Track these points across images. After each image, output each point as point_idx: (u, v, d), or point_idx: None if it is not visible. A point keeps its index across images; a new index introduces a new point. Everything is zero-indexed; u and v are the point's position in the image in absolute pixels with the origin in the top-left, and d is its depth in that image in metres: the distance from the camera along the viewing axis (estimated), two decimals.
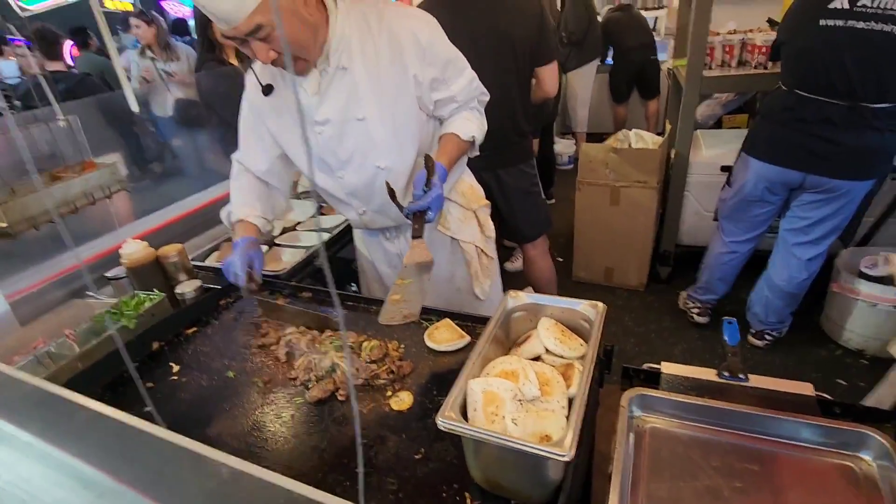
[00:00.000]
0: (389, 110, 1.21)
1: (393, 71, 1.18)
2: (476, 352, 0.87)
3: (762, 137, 2.06)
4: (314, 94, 1.19)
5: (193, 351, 1.26)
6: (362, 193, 1.32)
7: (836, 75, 1.79)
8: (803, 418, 0.91)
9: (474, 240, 1.50)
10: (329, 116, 1.20)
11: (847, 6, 1.72)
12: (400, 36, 1.17)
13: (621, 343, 2.64)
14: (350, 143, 1.23)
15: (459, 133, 1.26)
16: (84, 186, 1.43)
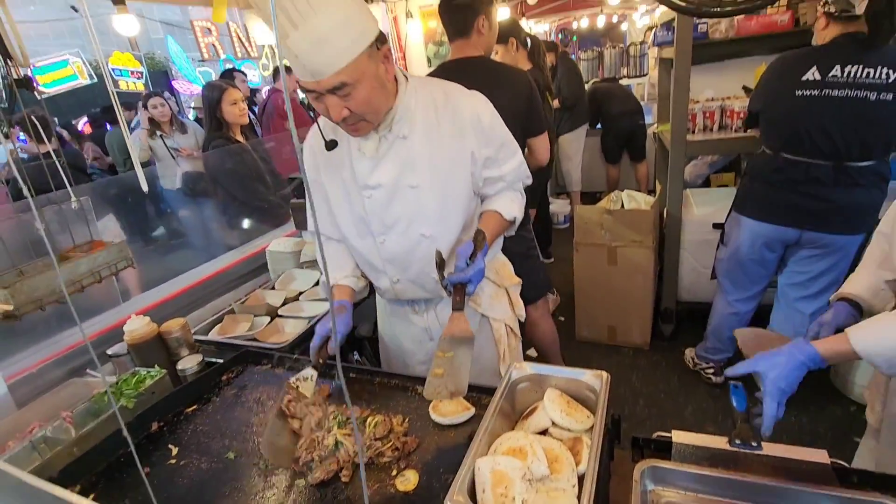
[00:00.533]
0: (442, 181, 1.25)
1: (452, 145, 1.24)
2: (483, 428, 0.86)
3: (754, 197, 2.12)
4: (371, 157, 1.23)
5: (193, 431, 1.23)
6: (400, 261, 1.33)
7: (819, 139, 1.88)
8: (820, 489, 0.88)
9: (504, 318, 1.49)
10: (382, 181, 1.24)
11: (819, 77, 1.83)
12: (464, 114, 1.24)
13: (630, 406, 2.58)
14: (398, 208, 1.26)
15: (502, 212, 1.31)
16: (91, 265, 1.46)
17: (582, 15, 7.02)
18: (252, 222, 2.69)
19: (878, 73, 1.77)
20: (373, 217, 1.28)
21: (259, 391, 1.36)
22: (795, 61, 1.92)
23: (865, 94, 1.79)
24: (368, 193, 1.26)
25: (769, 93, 2.00)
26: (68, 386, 1.52)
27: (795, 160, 1.95)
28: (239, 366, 1.47)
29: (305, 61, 1.00)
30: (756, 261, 2.20)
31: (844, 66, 1.80)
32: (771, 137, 2.04)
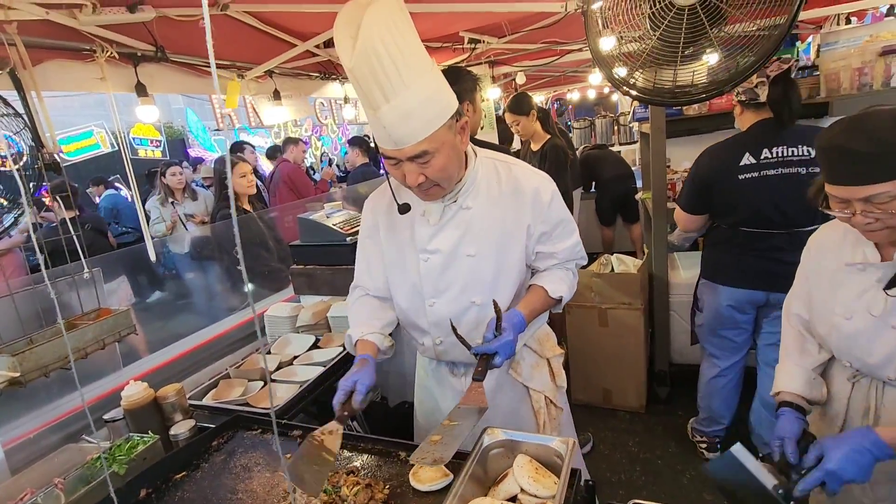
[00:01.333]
0: (498, 251, 1.30)
1: (511, 217, 1.30)
2: (452, 493, 0.90)
3: (719, 264, 2.25)
4: (434, 224, 1.30)
5: (180, 498, 1.25)
6: (447, 325, 1.33)
7: (769, 213, 2.05)
8: None
9: (544, 389, 1.48)
10: (440, 247, 1.30)
11: (754, 161, 2.04)
12: (525, 189, 1.30)
13: (627, 472, 2.53)
14: (452, 275, 1.31)
15: (548, 289, 1.33)
16: (96, 333, 1.55)
17: (573, 89, 7.50)
18: (253, 287, 2.80)
19: (801, 150, 1.98)
20: (426, 280, 1.33)
21: (247, 457, 1.39)
22: (727, 151, 2.12)
23: (796, 169, 1.98)
24: (426, 257, 1.31)
25: (712, 184, 2.14)
26: (63, 452, 1.55)
27: (753, 231, 2.11)
28: (230, 431, 1.51)
29: (391, 131, 1.08)
30: (730, 324, 2.28)
31: (771, 148, 2.01)
32: (724, 217, 2.20)
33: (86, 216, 4.23)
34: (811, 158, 1.96)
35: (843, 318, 1.15)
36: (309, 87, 3.20)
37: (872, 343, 1.11)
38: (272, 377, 1.89)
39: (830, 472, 1.00)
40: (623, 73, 1.96)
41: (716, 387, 2.40)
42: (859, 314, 1.13)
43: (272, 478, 1.28)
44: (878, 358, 1.11)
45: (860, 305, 1.13)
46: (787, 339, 1.35)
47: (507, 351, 1.18)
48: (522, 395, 1.47)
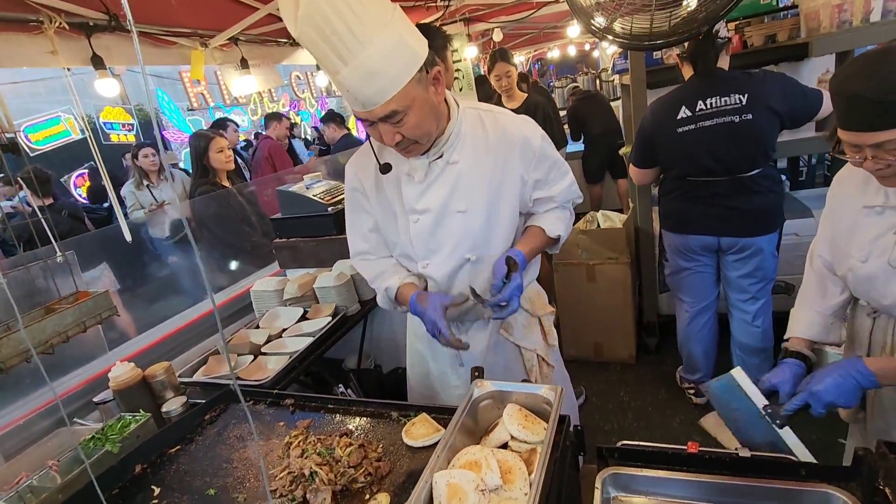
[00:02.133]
0: (489, 204, 1.28)
1: (501, 168, 1.26)
2: (442, 444, 0.91)
3: (672, 214, 2.33)
4: (419, 182, 1.26)
5: (175, 471, 1.26)
6: (441, 284, 1.35)
7: (708, 163, 2.12)
8: (772, 483, 0.93)
9: (536, 347, 1.48)
10: (430, 206, 1.27)
11: (690, 114, 2.09)
12: (514, 137, 1.27)
13: (619, 420, 2.60)
14: (443, 233, 1.29)
15: (546, 229, 1.34)
16: (76, 316, 1.51)
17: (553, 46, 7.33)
18: (238, 264, 2.76)
19: (733, 98, 2.03)
20: (417, 242, 1.31)
21: (241, 428, 1.39)
22: (666, 105, 2.17)
23: (730, 118, 2.03)
24: (415, 218, 1.28)
25: (657, 137, 2.21)
26: (56, 436, 1.55)
27: (696, 181, 2.19)
28: (222, 404, 1.51)
29: (357, 94, 1.03)
30: (693, 270, 2.37)
31: (705, 99, 2.06)
32: (669, 169, 2.27)
33: (62, 203, 4.11)
34: (744, 105, 2.02)
35: (859, 260, 1.15)
36: (278, 55, 3.08)
37: (887, 286, 1.11)
38: (262, 350, 1.89)
39: (814, 392, 1.03)
40: (602, 22, 1.93)
41: (691, 332, 2.47)
42: (874, 257, 1.12)
43: (266, 445, 1.29)
44: (891, 300, 1.11)
45: (876, 249, 1.12)
46: (807, 285, 1.35)
47: (519, 293, 1.21)
48: (515, 354, 1.48)
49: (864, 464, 0.91)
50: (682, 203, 2.26)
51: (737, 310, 2.35)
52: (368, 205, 1.38)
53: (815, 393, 1.03)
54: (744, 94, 2.01)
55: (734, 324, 2.40)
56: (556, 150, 1.36)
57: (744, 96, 2.01)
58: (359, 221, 1.42)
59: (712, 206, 2.17)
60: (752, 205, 2.12)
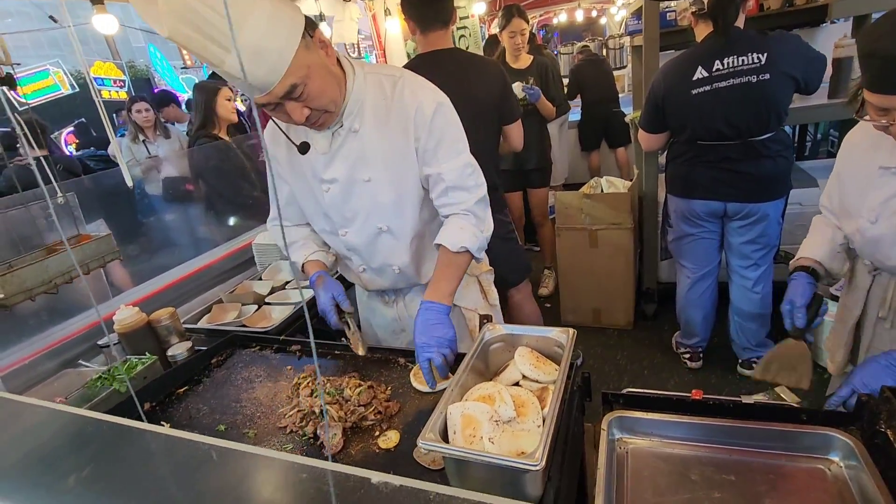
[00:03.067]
0: (395, 174, 1.24)
1: (400, 137, 1.21)
2: (454, 380, 0.91)
3: (679, 178, 2.31)
4: (324, 154, 1.23)
5: (184, 409, 1.28)
6: (362, 252, 1.35)
7: (722, 126, 2.08)
8: (773, 426, 0.95)
9: (476, 307, 1.47)
10: (336, 176, 1.24)
11: (706, 74, 2.04)
12: (408, 105, 1.19)
13: (615, 382, 2.65)
14: (355, 203, 1.27)
15: (446, 243, 1.22)
16: (79, 257, 1.50)
17: (560, 10, 7.11)
18: (238, 218, 2.73)
19: (751, 58, 1.98)
20: (332, 210, 1.30)
21: (248, 371, 1.40)
22: (681, 66, 2.12)
23: (747, 78, 1.99)
24: (326, 187, 1.27)
25: (668, 100, 2.16)
26: (62, 377, 1.56)
27: (707, 144, 2.16)
28: (228, 349, 1.52)
29: (251, 79, 0.97)
30: (696, 236, 2.37)
31: (722, 59, 2.01)
32: (681, 133, 2.22)
33: (57, 157, 4.02)
34: (762, 65, 1.97)
35: (869, 221, 1.14)
36: None
37: (892, 248, 1.11)
38: (266, 301, 1.89)
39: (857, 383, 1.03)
40: None
41: (691, 298, 2.49)
42: (885, 218, 1.11)
43: (274, 386, 1.30)
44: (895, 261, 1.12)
45: (886, 210, 1.11)
46: (817, 221, 1.36)
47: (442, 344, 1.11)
48: (456, 315, 1.43)
49: (866, 408, 0.93)
50: (691, 168, 2.24)
51: (738, 276, 2.37)
52: (281, 175, 1.35)
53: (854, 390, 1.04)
54: (763, 52, 1.96)
55: (734, 290, 2.42)
56: (456, 126, 1.25)
57: (763, 55, 1.96)
58: (277, 188, 1.40)
59: (721, 171, 2.15)
60: (761, 170, 2.11)
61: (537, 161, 3.26)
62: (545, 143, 3.34)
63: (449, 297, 1.19)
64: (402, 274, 1.39)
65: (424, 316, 1.14)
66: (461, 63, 2.01)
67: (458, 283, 1.24)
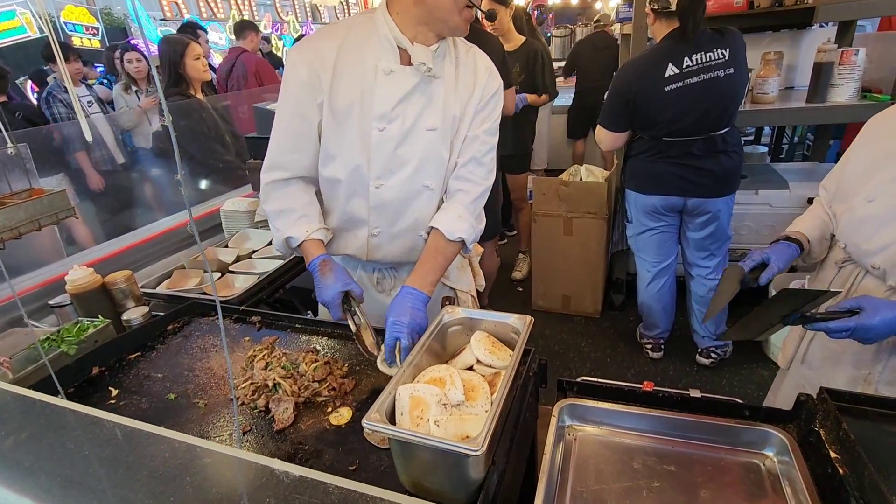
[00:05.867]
0: (452, 130, 1.20)
1: (464, 99, 1.20)
2: (407, 362, 0.91)
3: (640, 174, 2.35)
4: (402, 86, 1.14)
5: (135, 375, 1.24)
6: (392, 211, 1.23)
7: (692, 120, 2.12)
8: (715, 420, 0.98)
9: (469, 289, 1.47)
10: (401, 114, 1.15)
11: (678, 70, 2.06)
12: (481, 71, 1.22)
13: (578, 369, 2.71)
14: (408, 151, 1.18)
15: (443, 230, 1.19)
16: (30, 212, 1.43)
17: None
18: (209, 182, 2.65)
19: (717, 53, 2.03)
20: (377, 156, 1.17)
21: (205, 340, 1.38)
22: (650, 64, 2.13)
23: (715, 73, 2.05)
24: (382, 126, 1.14)
25: (636, 98, 2.16)
26: (8, 336, 1.50)
27: (673, 140, 2.20)
28: (185, 316, 1.49)
29: None
30: (657, 229, 2.43)
31: (691, 55, 2.04)
32: (649, 130, 2.24)
33: (16, 104, 3.81)
34: (726, 60, 2.03)
35: (866, 199, 1.13)
36: None
37: (877, 231, 1.11)
38: (230, 269, 1.84)
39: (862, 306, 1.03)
40: None
41: (652, 291, 2.55)
42: (882, 198, 1.11)
43: (231, 357, 1.28)
44: (874, 245, 1.12)
45: (889, 190, 1.10)
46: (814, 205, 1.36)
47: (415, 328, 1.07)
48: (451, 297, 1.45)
49: (803, 407, 0.96)
50: (653, 164, 2.27)
51: (695, 267, 2.46)
52: (313, 104, 1.15)
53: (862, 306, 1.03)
54: (725, 48, 2.02)
55: (693, 280, 2.51)
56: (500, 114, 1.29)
57: (726, 51, 2.02)
58: (291, 126, 1.19)
59: (682, 167, 2.21)
60: (720, 166, 2.18)
61: (513, 147, 3.23)
62: (526, 130, 3.30)
63: (431, 286, 1.16)
64: (422, 240, 1.28)
65: (404, 299, 1.10)
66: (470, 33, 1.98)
67: (442, 274, 1.21)
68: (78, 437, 0.46)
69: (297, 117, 1.18)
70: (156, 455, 0.41)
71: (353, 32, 1.15)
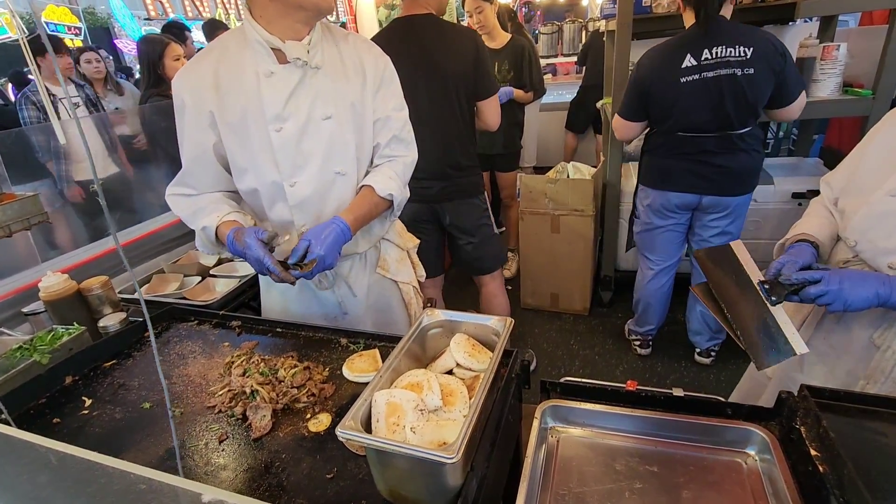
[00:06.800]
0: (354, 116, 1.23)
1: (356, 82, 1.22)
2: (385, 366, 0.89)
3: (655, 170, 2.32)
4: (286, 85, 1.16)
5: (110, 384, 1.21)
6: (312, 205, 1.26)
7: (705, 116, 2.08)
8: (699, 419, 0.97)
9: (411, 280, 1.49)
10: (293, 111, 1.17)
11: (695, 62, 2.02)
12: (363, 53, 1.24)
13: (567, 366, 2.71)
14: (311, 143, 1.20)
15: (376, 187, 1.24)
16: (1, 217, 1.39)
17: None
18: None
19: (738, 51, 1.97)
20: (282, 156, 1.20)
21: (182, 346, 1.34)
22: (668, 53, 2.08)
23: (733, 70, 1.99)
24: (278, 126, 1.17)
25: (652, 87, 2.13)
26: None
27: (687, 136, 2.16)
28: (164, 322, 1.45)
29: None
30: (665, 228, 2.39)
31: (711, 48, 2.00)
32: (663, 122, 2.20)
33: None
34: (747, 59, 1.96)
35: (888, 194, 1.08)
36: None
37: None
38: (210, 273, 1.81)
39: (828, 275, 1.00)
40: None
41: (651, 290, 2.54)
42: None
43: (208, 363, 1.25)
44: (894, 243, 1.07)
45: None
46: (816, 204, 1.31)
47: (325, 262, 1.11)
48: (392, 289, 1.48)
49: (785, 405, 0.96)
50: (668, 160, 2.22)
51: None
52: (203, 127, 1.20)
53: (828, 275, 1.00)
54: (749, 47, 1.95)
55: (698, 278, 2.46)
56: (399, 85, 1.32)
57: (749, 49, 1.95)
58: (189, 152, 1.25)
59: (699, 164, 2.16)
60: (738, 163, 2.13)
61: (503, 145, 3.22)
62: (514, 128, 3.29)
63: (356, 225, 1.21)
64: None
65: (331, 225, 1.15)
66: (435, 29, 1.92)
67: (366, 223, 1.27)
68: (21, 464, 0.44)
69: (191, 143, 1.24)
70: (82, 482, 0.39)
71: (227, 47, 1.19)
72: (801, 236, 1.22)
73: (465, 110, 2.02)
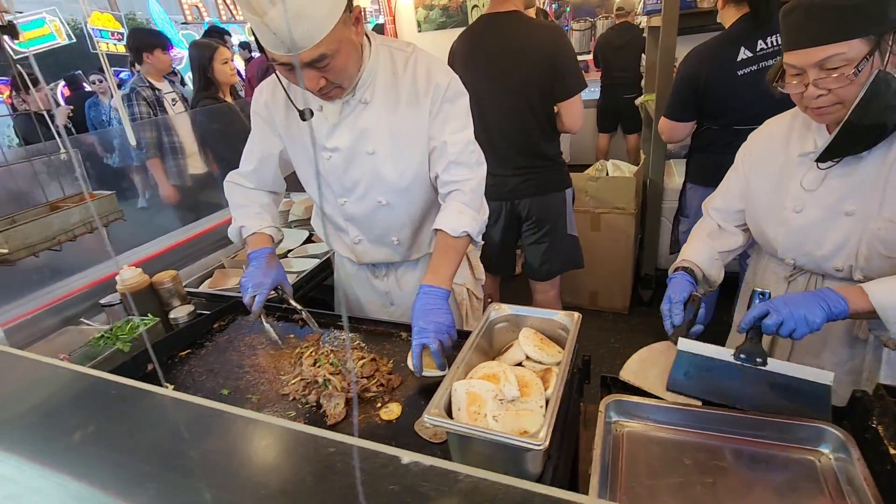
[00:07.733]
0: (400, 150, 1.24)
1: (411, 112, 1.21)
2: (459, 358, 0.93)
3: (708, 167, 2.23)
4: (333, 124, 1.23)
5: (188, 371, 1.29)
6: (362, 222, 1.36)
7: (765, 105, 1.98)
8: (767, 416, 0.97)
9: (465, 282, 1.50)
10: (339, 145, 1.24)
11: (751, 54, 1.97)
12: (421, 79, 1.21)
13: (608, 365, 2.70)
14: (356, 173, 1.27)
15: (446, 228, 1.21)
16: (82, 216, 1.49)
17: None
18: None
19: None
20: (332, 178, 1.30)
21: (251, 337, 1.42)
22: (721, 48, 2.03)
23: None
24: (328, 155, 1.27)
25: (705, 84, 2.06)
26: (63, 333, 1.56)
27: (743, 129, 2.06)
28: (230, 314, 1.53)
29: (283, 37, 0.98)
30: None
31: (765, 38, 1.95)
32: (717, 118, 2.14)
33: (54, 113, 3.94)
34: None
35: (794, 211, 1.14)
36: None
37: (825, 233, 1.11)
38: None
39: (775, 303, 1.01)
40: None
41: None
42: (809, 206, 1.11)
43: (277, 354, 1.32)
44: (828, 249, 1.11)
45: (813, 197, 1.11)
46: (698, 229, 1.37)
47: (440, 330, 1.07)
48: None
49: (859, 404, 0.95)
50: (723, 156, 2.15)
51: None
52: (273, 135, 1.34)
53: (772, 304, 1.01)
54: None
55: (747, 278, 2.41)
56: (465, 101, 1.26)
57: None
58: (252, 145, 1.39)
59: None
60: None
61: None
62: None
63: (448, 281, 1.17)
64: (401, 245, 1.40)
65: (423, 300, 1.12)
66: (518, 28, 1.92)
67: (457, 267, 1.23)
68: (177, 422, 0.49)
69: (261, 146, 1.37)
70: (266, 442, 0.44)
71: None
72: (680, 264, 1.27)
73: (543, 108, 1.98)
